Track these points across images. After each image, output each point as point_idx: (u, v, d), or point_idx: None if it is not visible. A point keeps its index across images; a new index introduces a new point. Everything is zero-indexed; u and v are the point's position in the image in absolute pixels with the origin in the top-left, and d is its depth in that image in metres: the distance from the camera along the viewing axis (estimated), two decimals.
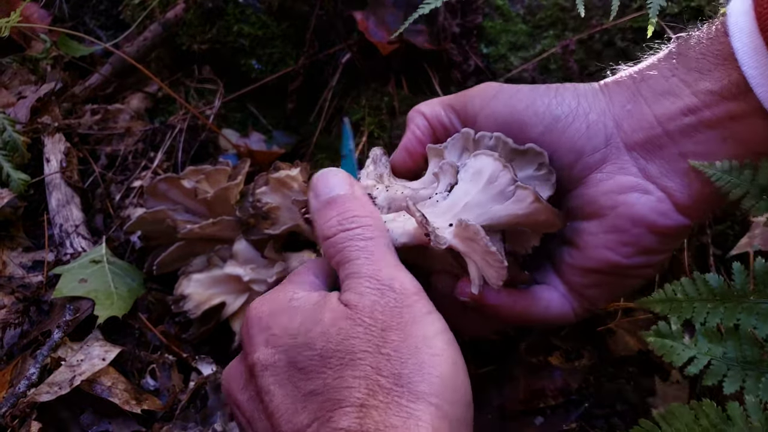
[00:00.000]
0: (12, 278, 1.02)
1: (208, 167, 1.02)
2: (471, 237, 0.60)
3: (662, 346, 0.57)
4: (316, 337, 0.54)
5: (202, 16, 1.24)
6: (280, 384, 0.54)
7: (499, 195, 0.63)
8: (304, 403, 0.52)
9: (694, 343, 0.56)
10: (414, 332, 0.53)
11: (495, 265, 0.61)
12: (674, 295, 0.59)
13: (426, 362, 0.52)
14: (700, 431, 0.53)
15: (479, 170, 0.64)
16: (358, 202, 0.63)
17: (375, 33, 1.13)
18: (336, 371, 0.52)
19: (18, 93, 1.22)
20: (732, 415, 0.52)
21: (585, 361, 0.85)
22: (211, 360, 0.90)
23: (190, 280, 0.95)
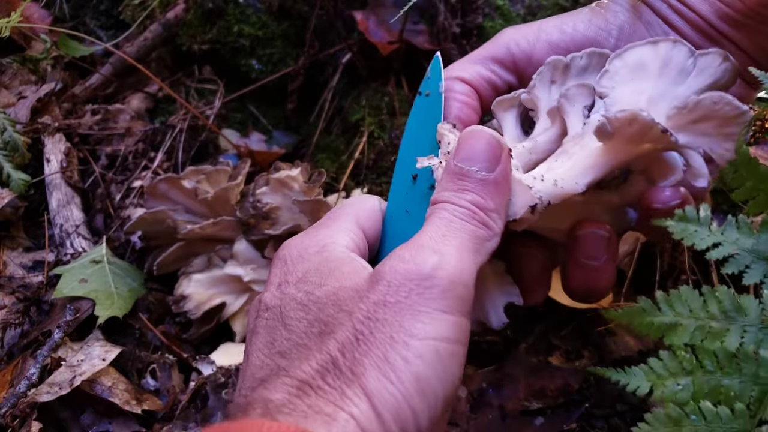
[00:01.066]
0: (12, 278, 1.02)
1: (208, 167, 1.02)
2: (705, 114, 0.54)
3: (683, 230, 0.53)
4: (314, 301, 0.50)
5: (202, 17, 1.24)
6: (266, 332, 0.51)
7: (679, 74, 0.57)
8: (269, 360, 0.49)
9: (721, 232, 0.53)
10: (402, 321, 0.46)
11: (737, 130, 0.54)
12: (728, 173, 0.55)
13: (389, 361, 0.45)
14: (706, 317, 0.51)
15: (638, 63, 0.58)
16: (488, 192, 0.54)
17: (375, 33, 1.13)
18: (310, 340, 0.48)
19: (18, 93, 1.22)
20: (745, 305, 0.51)
21: (585, 361, 0.85)
22: (211, 360, 0.90)
23: (191, 280, 0.95)
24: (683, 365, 0.50)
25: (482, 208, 0.53)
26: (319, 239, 0.56)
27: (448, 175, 0.55)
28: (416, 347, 0.46)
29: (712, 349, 0.50)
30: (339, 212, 0.59)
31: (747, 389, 0.49)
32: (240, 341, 0.97)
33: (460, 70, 0.66)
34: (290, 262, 0.55)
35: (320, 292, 0.50)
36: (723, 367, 0.49)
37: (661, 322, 0.53)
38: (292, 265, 0.54)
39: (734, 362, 0.49)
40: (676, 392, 0.50)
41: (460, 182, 0.54)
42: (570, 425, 0.78)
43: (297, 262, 0.54)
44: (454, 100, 0.64)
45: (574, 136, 0.58)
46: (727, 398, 0.49)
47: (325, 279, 0.51)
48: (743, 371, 0.49)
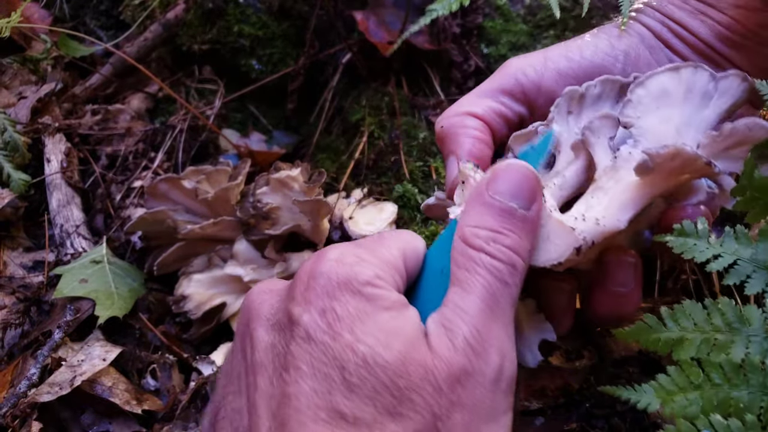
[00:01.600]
0: (13, 278, 1.02)
1: (208, 167, 1.02)
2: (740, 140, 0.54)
3: (682, 245, 0.53)
4: (380, 364, 0.44)
5: (202, 17, 1.24)
6: (314, 373, 0.44)
7: (703, 99, 0.58)
8: (328, 419, 0.43)
9: (719, 244, 0.53)
10: (481, 427, 0.44)
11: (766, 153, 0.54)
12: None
13: None
14: (711, 330, 0.52)
15: (662, 91, 0.58)
16: (525, 232, 0.51)
17: (375, 33, 1.13)
18: (378, 413, 0.43)
19: (18, 93, 1.22)
20: (749, 316, 0.51)
21: (586, 361, 0.85)
22: (211, 360, 0.90)
23: (191, 280, 0.95)
24: (691, 380, 0.50)
25: (520, 251, 0.50)
26: (367, 268, 0.49)
27: (480, 207, 0.51)
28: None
29: (718, 361, 0.50)
30: (389, 241, 0.53)
31: (756, 400, 0.48)
32: None
33: (469, 105, 0.64)
34: (335, 284, 0.47)
35: (388, 356, 0.44)
36: (730, 379, 0.49)
37: (668, 338, 0.53)
38: (338, 291, 0.47)
39: (741, 373, 0.49)
40: (686, 407, 0.49)
41: (500, 219, 0.50)
42: (570, 425, 0.78)
43: (343, 289, 0.47)
44: (467, 136, 0.62)
45: (606, 170, 0.57)
46: (737, 410, 0.48)
47: (389, 337, 0.45)
48: (751, 382, 0.49)
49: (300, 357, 0.45)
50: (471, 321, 0.46)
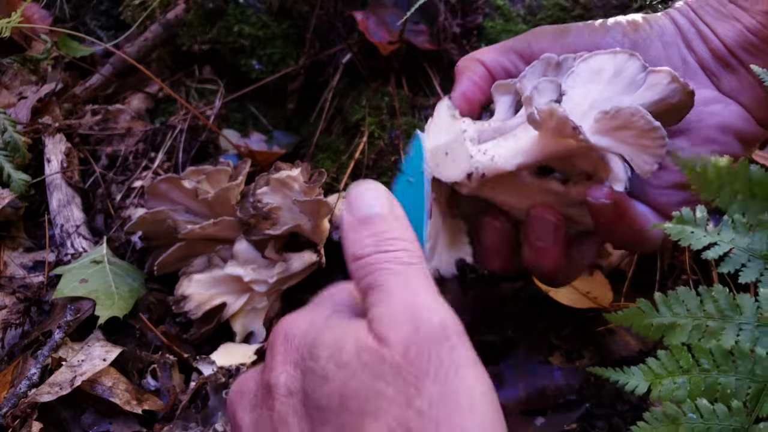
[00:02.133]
0: (13, 278, 1.02)
1: (208, 167, 1.02)
2: (624, 123, 0.57)
3: (680, 232, 0.54)
4: (336, 367, 0.45)
5: (202, 17, 1.24)
6: (299, 419, 0.46)
7: (629, 86, 0.61)
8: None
9: (717, 232, 0.54)
10: (456, 385, 0.43)
11: (653, 145, 0.57)
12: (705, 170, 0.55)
13: (467, 429, 0.42)
14: (704, 317, 0.52)
15: (597, 69, 0.61)
16: (399, 223, 0.54)
17: (375, 33, 1.13)
18: (355, 417, 0.43)
19: (19, 93, 1.22)
20: (741, 304, 0.51)
21: (586, 361, 0.85)
22: (211, 360, 0.90)
23: (191, 280, 0.95)
24: (680, 364, 0.51)
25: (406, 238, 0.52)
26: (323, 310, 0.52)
27: (354, 228, 0.53)
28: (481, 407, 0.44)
29: (709, 347, 0.50)
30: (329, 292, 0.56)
31: (743, 386, 0.49)
32: (240, 341, 0.97)
33: (482, 54, 0.70)
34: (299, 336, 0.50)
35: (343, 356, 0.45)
36: (719, 365, 0.50)
37: (660, 323, 0.54)
38: (302, 340, 0.49)
39: (730, 360, 0.50)
40: (673, 390, 0.50)
41: (371, 226, 0.52)
42: (570, 425, 0.78)
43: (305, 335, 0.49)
44: (467, 79, 0.68)
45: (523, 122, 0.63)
46: (723, 396, 0.49)
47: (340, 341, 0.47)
48: (739, 369, 0.49)
49: (285, 413, 0.46)
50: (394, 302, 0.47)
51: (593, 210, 0.61)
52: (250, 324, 0.98)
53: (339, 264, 1.03)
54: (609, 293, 0.89)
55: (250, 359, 0.92)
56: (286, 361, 0.48)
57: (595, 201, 0.60)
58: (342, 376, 0.44)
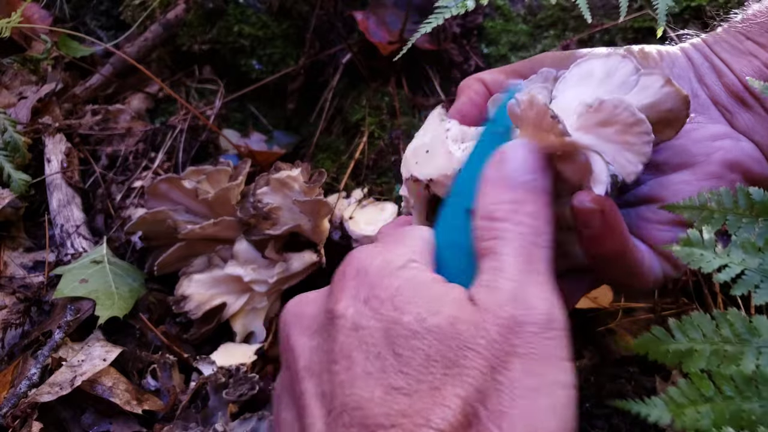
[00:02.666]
0: (13, 278, 1.02)
1: (208, 167, 1.02)
2: (607, 117, 0.54)
3: (689, 255, 0.52)
4: (429, 329, 0.44)
5: (202, 17, 1.24)
6: (366, 357, 0.45)
7: (620, 87, 0.58)
8: (385, 395, 0.43)
9: (727, 254, 0.52)
10: (541, 372, 0.44)
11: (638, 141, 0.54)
12: (707, 203, 0.55)
13: (537, 415, 0.42)
14: (720, 341, 0.51)
15: (588, 72, 0.59)
16: (543, 201, 0.52)
17: (375, 33, 1.13)
18: (436, 379, 0.43)
19: (19, 93, 1.23)
20: (758, 326, 0.50)
21: (586, 361, 0.85)
22: (212, 360, 0.90)
23: (191, 280, 0.95)
24: (702, 392, 0.49)
25: (541, 217, 0.51)
26: (400, 254, 0.51)
27: (495, 186, 0.52)
28: (560, 397, 0.44)
29: (729, 373, 0.49)
30: (401, 235, 0.55)
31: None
32: (241, 341, 0.97)
33: (482, 74, 0.68)
34: (373, 274, 0.49)
35: (436, 320, 0.45)
36: (742, 392, 0.48)
37: (677, 349, 0.52)
38: (378, 278, 0.48)
39: (752, 385, 0.48)
40: (697, 420, 0.48)
41: (517, 192, 0.51)
42: None
43: (382, 276, 0.48)
44: (465, 96, 0.67)
45: None
46: (749, 423, 0.47)
47: (434, 303, 0.46)
48: (762, 394, 0.48)
49: (349, 346, 0.46)
50: (510, 276, 0.47)
51: (579, 219, 0.55)
52: (250, 324, 0.98)
53: (339, 264, 1.03)
54: (609, 293, 0.89)
55: (251, 359, 0.92)
56: (357, 296, 0.48)
57: (580, 205, 0.54)
58: (432, 338, 0.44)
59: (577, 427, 0.45)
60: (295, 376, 0.49)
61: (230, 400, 0.84)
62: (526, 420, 0.42)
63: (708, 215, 0.55)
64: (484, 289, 0.47)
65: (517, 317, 0.45)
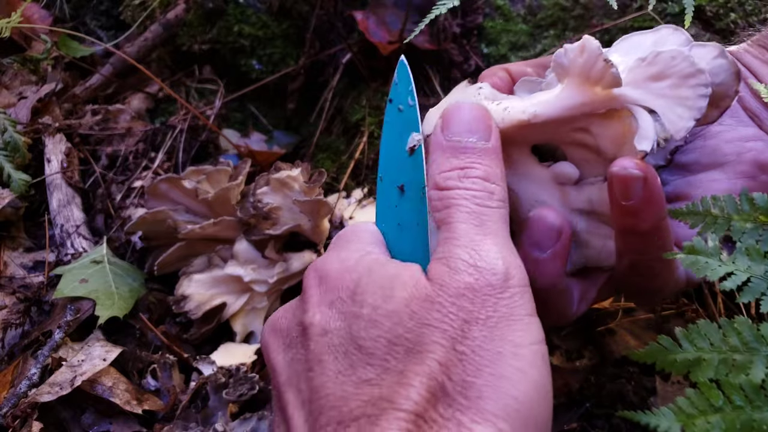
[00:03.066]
0: (13, 278, 1.02)
1: (208, 167, 1.02)
2: (662, 69, 0.51)
3: (694, 263, 0.52)
4: (385, 315, 0.45)
5: (202, 17, 1.24)
6: (336, 357, 0.46)
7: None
8: (356, 389, 0.44)
9: (732, 261, 0.52)
10: (503, 334, 0.44)
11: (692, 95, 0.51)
12: (709, 210, 0.55)
13: (506, 376, 0.42)
14: (728, 350, 0.50)
15: (637, 43, 0.57)
16: (490, 159, 0.52)
17: (375, 33, 1.13)
18: (399, 362, 0.44)
19: (19, 93, 1.22)
20: (766, 334, 0.49)
21: (586, 361, 0.85)
22: (212, 360, 0.90)
23: (191, 280, 0.95)
24: (711, 402, 0.48)
25: (491, 178, 0.51)
26: (354, 249, 0.52)
27: (442, 152, 0.53)
28: (526, 356, 0.44)
29: (738, 382, 0.48)
30: (351, 233, 0.56)
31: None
32: (241, 341, 0.97)
33: (508, 65, 0.67)
34: (333, 277, 0.50)
35: (391, 305, 0.46)
36: (752, 401, 0.48)
37: (684, 359, 0.52)
38: (338, 280, 0.49)
39: (762, 395, 0.48)
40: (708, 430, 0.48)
41: (464, 156, 0.51)
42: (571, 425, 0.78)
43: (342, 275, 0.50)
44: (488, 80, 0.65)
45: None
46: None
47: (387, 289, 0.47)
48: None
49: (320, 351, 0.47)
50: (462, 243, 0.47)
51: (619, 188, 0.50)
52: (250, 324, 0.98)
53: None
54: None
55: (251, 359, 0.92)
56: (321, 302, 0.49)
57: (623, 172, 0.49)
58: (390, 324, 0.45)
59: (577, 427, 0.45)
60: (278, 390, 0.50)
61: (230, 400, 0.84)
62: (494, 386, 0.42)
63: (711, 221, 0.55)
64: (439, 262, 0.47)
65: (471, 284, 0.45)
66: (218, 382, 0.86)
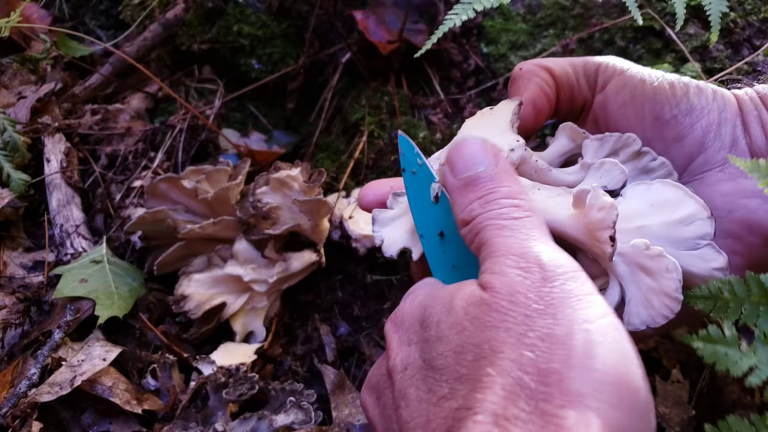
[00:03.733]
0: (13, 278, 1.02)
1: (208, 167, 1.02)
2: (653, 267, 0.53)
3: (713, 354, 0.50)
4: (449, 328, 0.47)
5: (201, 16, 1.24)
6: (417, 386, 0.47)
7: (683, 242, 0.56)
8: (436, 408, 0.44)
9: (753, 351, 0.50)
10: (567, 315, 0.43)
11: (659, 307, 0.53)
12: (720, 293, 0.54)
13: (581, 350, 0.41)
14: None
15: (667, 201, 0.57)
16: (505, 178, 0.54)
17: (375, 32, 1.13)
18: (470, 369, 0.44)
19: (18, 93, 1.22)
20: None
21: None
22: (211, 360, 0.90)
23: (191, 280, 0.95)
24: None
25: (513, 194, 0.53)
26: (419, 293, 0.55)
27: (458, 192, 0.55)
28: (596, 329, 0.43)
29: None
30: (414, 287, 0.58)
31: None
32: (241, 341, 0.97)
33: (551, 63, 0.67)
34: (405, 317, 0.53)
35: (452, 317, 0.47)
36: None
37: None
38: (409, 317, 0.53)
39: None
40: None
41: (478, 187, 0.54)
42: None
43: (411, 313, 0.53)
44: (536, 85, 0.65)
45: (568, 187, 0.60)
46: None
47: (447, 305, 0.49)
48: None
49: (403, 386, 0.48)
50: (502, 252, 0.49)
51: None
52: (250, 323, 0.98)
53: (339, 263, 1.04)
54: None
55: (250, 359, 0.92)
56: (401, 344, 0.51)
57: None
58: (454, 334, 0.46)
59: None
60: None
61: (230, 400, 0.84)
62: (571, 365, 0.41)
63: (723, 305, 0.53)
64: (485, 273, 0.49)
65: (521, 281, 0.46)
66: (218, 381, 0.86)
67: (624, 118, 0.64)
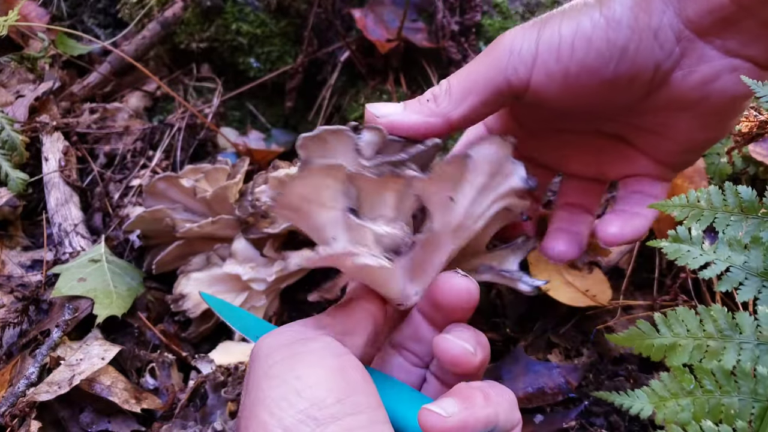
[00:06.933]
0: (11, 277, 1.01)
1: (207, 166, 1.02)
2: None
3: (676, 251, 0.55)
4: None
5: (200, 15, 1.24)
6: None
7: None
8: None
9: (713, 250, 0.54)
10: (255, 392, 0.49)
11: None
12: (697, 201, 0.57)
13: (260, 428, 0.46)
14: (704, 336, 0.52)
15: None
16: (336, 323, 0.61)
17: (374, 31, 1.13)
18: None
19: (16, 92, 1.22)
20: (741, 323, 0.51)
21: (584, 359, 0.85)
22: (210, 359, 0.90)
23: (190, 278, 0.95)
24: (683, 386, 0.50)
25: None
26: None
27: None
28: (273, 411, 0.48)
29: (710, 368, 0.50)
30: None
31: (747, 407, 0.49)
32: (239, 340, 0.97)
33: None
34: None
35: None
36: (722, 386, 0.50)
37: (661, 344, 0.54)
38: None
39: (732, 380, 0.49)
40: (678, 412, 0.50)
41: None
42: (569, 423, 0.78)
43: None
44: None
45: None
46: (728, 417, 0.49)
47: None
48: (742, 389, 0.49)
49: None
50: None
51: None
52: None
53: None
54: (608, 291, 0.89)
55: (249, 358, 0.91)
56: None
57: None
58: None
59: (576, 425, 0.45)
60: None
61: (229, 399, 0.84)
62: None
63: (698, 213, 0.56)
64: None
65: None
66: (217, 380, 0.86)
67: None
